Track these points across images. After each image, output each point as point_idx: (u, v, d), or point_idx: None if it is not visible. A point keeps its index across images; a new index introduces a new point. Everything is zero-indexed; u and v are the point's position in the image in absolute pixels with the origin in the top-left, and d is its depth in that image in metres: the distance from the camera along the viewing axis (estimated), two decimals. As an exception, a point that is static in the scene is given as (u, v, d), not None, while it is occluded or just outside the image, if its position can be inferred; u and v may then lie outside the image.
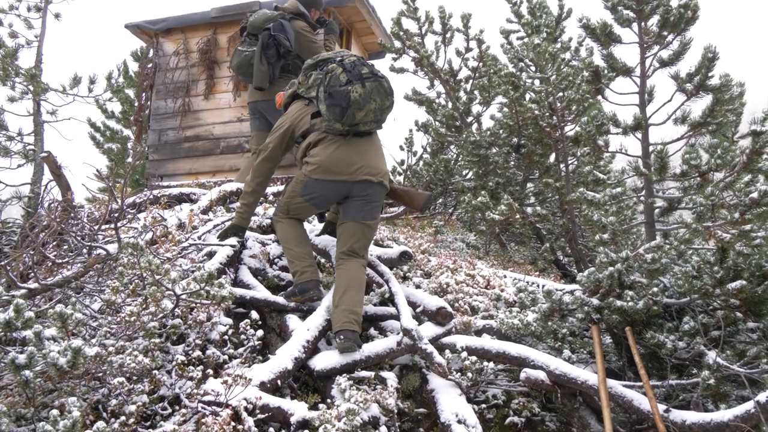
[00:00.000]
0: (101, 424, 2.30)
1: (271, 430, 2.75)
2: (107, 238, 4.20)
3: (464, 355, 3.37)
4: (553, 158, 6.68)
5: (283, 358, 3.13)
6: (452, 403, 3.12)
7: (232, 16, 6.87)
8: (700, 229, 3.46)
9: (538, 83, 6.28)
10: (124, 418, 2.59)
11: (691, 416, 3.02)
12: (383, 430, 2.90)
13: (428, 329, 3.56)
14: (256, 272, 4.05)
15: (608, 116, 4.40)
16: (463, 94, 7.89)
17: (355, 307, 3.36)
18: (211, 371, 2.99)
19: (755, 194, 3.26)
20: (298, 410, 2.80)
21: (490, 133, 6.97)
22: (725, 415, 2.90)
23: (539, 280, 5.03)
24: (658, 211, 4.35)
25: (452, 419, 3.01)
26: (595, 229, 3.79)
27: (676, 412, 3.06)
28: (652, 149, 4.21)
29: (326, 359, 3.24)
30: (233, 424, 2.56)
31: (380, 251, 4.15)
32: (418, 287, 4.35)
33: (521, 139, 6.69)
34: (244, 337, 3.28)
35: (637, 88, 4.35)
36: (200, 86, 7.03)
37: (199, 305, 3.30)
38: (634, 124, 4.28)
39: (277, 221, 3.87)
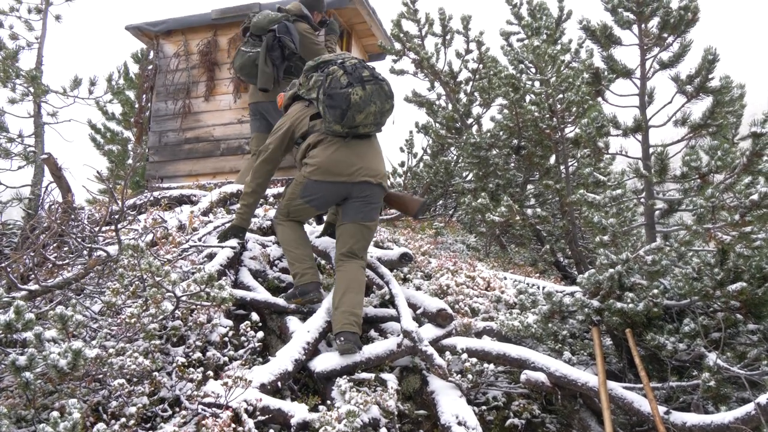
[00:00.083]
0: (101, 425, 2.30)
1: (271, 431, 2.75)
2: (107, 239, 4.20)
3: (464, 356, 3.37)
4: (553, 160, 6.68)
5: (283, 359, 3.13)
6: (452, 404, 3.12)
7: (232, 18, 6.88)
8: (700, 230, 3.45)
9: (538, 85, 6.29)
10: (124, 419, 2.59)
11: (691, 418, 3.02)
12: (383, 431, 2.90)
13: (428, 331, 3.55)
14: (256, 274, 4.05)
15: (608, 118, 4.40)
16: (463, 95, 7.89)
17: (355, 308, 3.37)
18: (211, 373, 3.00)
19: (755, 196, 3.26)
20: (298, 412, 2.80)
21: (490, 134, 6.97)
22: (726, 417, 2.90)
23: (539, 281, 5.03)
24: (658, 212, 4.35)
25: (452, 421, 3.01)
26: (595, 230, 3.79)
27: (676, 414, 3.06)
28: (652, 151, 4.20)
29: (326, 361, 3.24)
30: (233, 425, 2.56)
31: (380, 253, 4.15)
32: (418, 289, 4.35)
33: (521, 140, 6.69)
34: (244, 338, 3.28)
35: (637, 89, 4.35)
36: (200, 88, 7.04)
37: (199, 307, 3.29)
38: (634, 125, 4.28)
39: (277, 223, 3.88)
